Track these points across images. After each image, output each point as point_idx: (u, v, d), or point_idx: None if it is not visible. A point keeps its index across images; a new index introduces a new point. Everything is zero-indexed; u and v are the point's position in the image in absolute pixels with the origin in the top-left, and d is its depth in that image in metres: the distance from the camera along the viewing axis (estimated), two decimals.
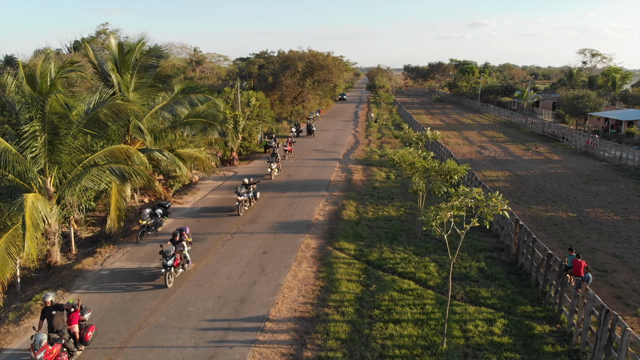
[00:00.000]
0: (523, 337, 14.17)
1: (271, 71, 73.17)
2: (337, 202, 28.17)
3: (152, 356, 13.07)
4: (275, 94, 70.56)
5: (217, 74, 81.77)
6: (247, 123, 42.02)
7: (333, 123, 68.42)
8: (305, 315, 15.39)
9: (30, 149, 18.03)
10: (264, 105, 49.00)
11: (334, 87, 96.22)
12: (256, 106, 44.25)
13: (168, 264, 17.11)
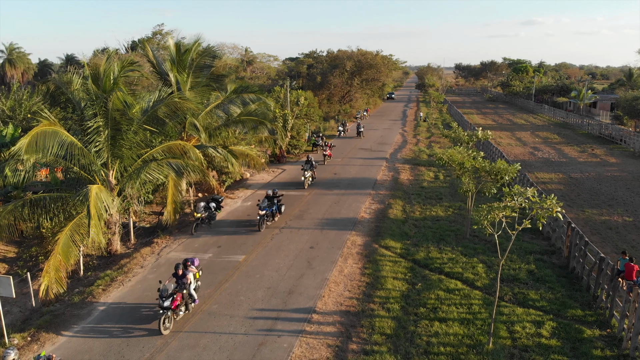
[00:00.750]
0: (572, 341, 13.97)
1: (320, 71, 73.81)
2: (383, 201, 28.33)
3: (205, 341, 13.79)
4: (324, 93, 71.10)
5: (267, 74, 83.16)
6: (295, 122, 42.73)
7: (380, 122, 68.32)
8: (350, 309, 15.74)
9: (94, 144, 19.21)
10: (312, 105, 49.58)
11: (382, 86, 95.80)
12: (305, 105, 44.88)
13: (164, 305, 14.03)
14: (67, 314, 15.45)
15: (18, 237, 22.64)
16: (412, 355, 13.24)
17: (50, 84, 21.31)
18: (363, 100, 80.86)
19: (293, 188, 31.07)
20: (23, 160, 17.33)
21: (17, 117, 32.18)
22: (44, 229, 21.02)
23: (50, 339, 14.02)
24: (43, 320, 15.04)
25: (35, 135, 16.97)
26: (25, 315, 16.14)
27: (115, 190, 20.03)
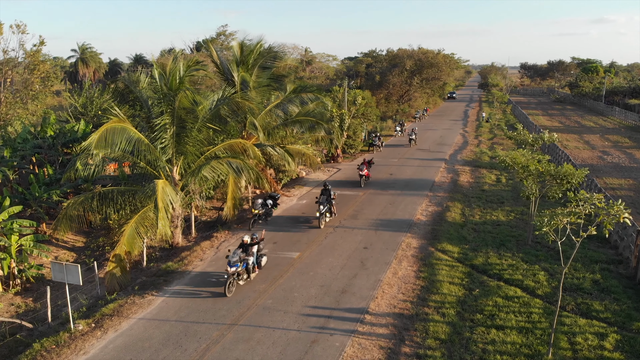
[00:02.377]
0: (636, 355, 13.13)
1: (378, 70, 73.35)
2: (441, 203, 27.78)
3: (259, 335, 14.07)
4: (382, 92, 70.58)
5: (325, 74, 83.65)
6: (352, 121, 42.71)
7: (440, 122, 66.98)
8: (404, 312, 15.56)
9: (160, 140, 20.04)
10: (370, 104, 49.36)
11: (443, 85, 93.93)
12: (362, 105, 44.76)
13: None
14: (130, 303, 16.21)
15: (87, 228, 24.03)
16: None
17: (120, 82, 22.42)
18: (422, 99, 79.61)
19: (348, 187, 31.08)
20: (93, 154, 18.36)
21: (89, 113, 34.10)
22: (111, 221, 22.18)
23: (114, 325, 14.77)
24: (107, 308, 15.86)
25: (105, 131, 17.93)
26: (91, 303, 17.09)
27: (178, 185, 20.82)
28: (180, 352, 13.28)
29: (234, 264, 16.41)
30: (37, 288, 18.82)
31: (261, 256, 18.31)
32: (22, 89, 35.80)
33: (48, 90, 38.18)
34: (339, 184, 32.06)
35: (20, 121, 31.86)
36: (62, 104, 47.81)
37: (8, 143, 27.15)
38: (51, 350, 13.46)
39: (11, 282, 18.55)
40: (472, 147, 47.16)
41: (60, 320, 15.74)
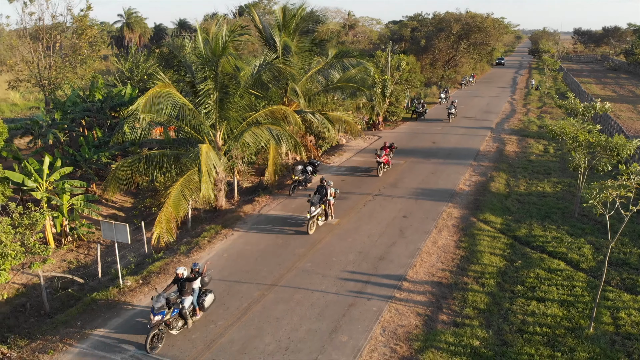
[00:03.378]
0: None
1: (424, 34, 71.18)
2: (485, 173, 27.20)
3: (299, 296, 14.42)
4: (427, 57, 68.64)
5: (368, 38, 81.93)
6: (395, 87, 41.89)
7: (487, 89, 64.89)
8: (443, 281, 15.54)
9: (204, 106, 20.31)
10: (414, 70, 48.10)
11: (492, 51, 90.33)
12: (406, 70, 43.73)
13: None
14: (176, 261, 16.86)
15: (134, 189, 24.93)
16: (504, 332, 12.87)
17: (164, 47, 22.76)
18: (469, 65, 77.01)
19: None
20: (140, 118, 18.83)
21: (135, 78, 34.82)
22: (158, 183, 22.89)
23: (160, 282, 15.43)
24: (154, 266, 16.56)
25: (151, 96, 18.30)
26: (139, 260, 17.87)
27: (221, 150, 21.17)
28: (223, 309, 13.79)
29: (158, 311, 11.99)
30: (88, 246, 19.80)
31: (205, 293, 13.41)
32: (70, 54, 36.82)
33: (96, 54, 39.14)
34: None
35: (70, 85, 32.90)
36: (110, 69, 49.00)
37: (58, 106, 28.17)
38: (101, 304, 14.24)
39: (63, 240, 19.58)
40: (519, 116, 45.59)
41: (110, 276, 16.58)
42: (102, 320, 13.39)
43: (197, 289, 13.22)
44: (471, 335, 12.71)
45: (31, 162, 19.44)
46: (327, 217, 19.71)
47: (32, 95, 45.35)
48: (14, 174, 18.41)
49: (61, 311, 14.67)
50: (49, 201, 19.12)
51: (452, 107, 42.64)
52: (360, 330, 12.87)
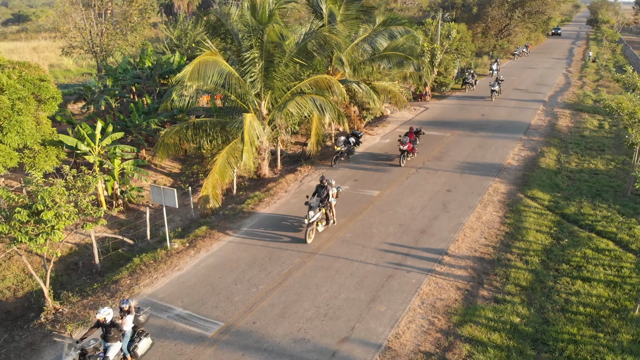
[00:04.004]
0: None
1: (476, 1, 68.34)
2: (535, 148, 26.29)
3: (338, 265, 14.59)
4: (479, 26, 66.01)
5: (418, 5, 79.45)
6: (444, 57, 40.63)
7: (541, 60, 62.03)
8: (485, 256, 15.32)
9: (250, 74, 20.40)
10: (465, 38, 46.38)
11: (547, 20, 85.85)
12: (456, 39, 42.27)
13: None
14: (221, 226, 17.33)
15: (182, 156, 25.59)
16: (546, 310, 12.63)
17: (212, 15, 22.79)
18: (523, 35, 73.64)
19: (435, 128, 30.20)
20: (187, 86, 19.14)
21: (183, 45, 35.26)
22: (204, 150, 23.38)
23: (205, 246, 15.94)
24: (200, 230, 17.08)
25: (198, 64, 18.52)
26: (185, 224, 18.47)
27: (266, 119, 21.32)
28: (264, 274, 14.14)
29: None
30: (137, 209, 20.59)
31: (139, 337, 10.68)
32: (121, 21, 37.57)
33: (145, 22, 39.76)
34: (425, 123, 31.23)
35: (120, 52, 33.70)
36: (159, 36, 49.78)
37: (110, 73, 28.96)
38: (149, 265, 14.87)
39: (114, 202, 20.42)
40: (574, 89, 43.49)
41: (158, 238, 17.25)
42: (149, 281, 14.01)
43: (128, 332, 10.54)
44: (512, 312, 12.55)
45: (84, 127, 20.21)
46: (329, 222, 16.81)
47: (85, 62, 46.84)
48: (68, 138, 19.21)
49: (111, 270, 15.45)
50: (101, 165, 19.90)
51: (497, 84, 38.19)
52: (399, 301, 12.94)
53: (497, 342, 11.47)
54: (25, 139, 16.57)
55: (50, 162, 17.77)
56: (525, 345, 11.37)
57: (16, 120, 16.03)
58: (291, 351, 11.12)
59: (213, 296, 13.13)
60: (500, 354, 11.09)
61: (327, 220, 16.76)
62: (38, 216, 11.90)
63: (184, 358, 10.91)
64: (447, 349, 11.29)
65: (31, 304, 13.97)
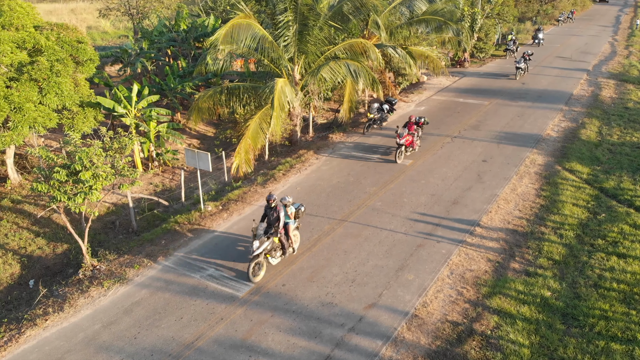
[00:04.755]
0: None
1: None
2: (576, 119, 25.35)
3: (367, 233, 14.62)
4: None
5: None
6: (485, 22, 39.12)
7: (587, 27, 59.07)
8: (518, 229, 15.06)
9: (283, 38, 20.17)
10: (507, 3, 44.51)
11: None
12: (498, 3, 40.57)
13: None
14: (252, 191, 17.53)
15: (216, 120, 25.79)
16: (579, 285, 12.41)
17: None
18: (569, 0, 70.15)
19: (472, 95, 29.42)
20: (220, 49, 19.08)
21: (218, 8, 35.04)
22: (237, 115, 23.49)
23: (238, 209, 16.19)
24: (233, 194, 17.33)
25: (231, 27, 18.39)
26: (219, 188, 18.75)
27: (298, 85, 21.16)
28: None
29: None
30: (172, 171, 21.00)
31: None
32: None
33: None
34: (462, 91, 30.45)
35: (156, 14, 33.78)
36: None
37: (146, 35, 29.13)
38: (184, 226, 15.24)
39: (150, 164, 20.86)
40: (620, 59, 41.37)
41: (192, 201, 17.61)
42: (184, 241, 14.38)
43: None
44: (543, 285, 12.38)
45: (121, 89, 20.52)
46: (285, 252, 12.90)
47: (122, 24, 47.18)
48: (105, 100, 19.56)
49: (147, 230, 15.91)
50: (137, 127, 20.26)
51: (522, 60, 33.94)
52: (428, 270, 12.92)
53: (526, 315, 11.38)
54: (64, 100, 16.95)
55: (88, 123, 18.17)
56: (555, 320, 11.25)
57: (55, 81, 16.37)
58: (319, 314, 11.32)
59: (244, 258, 13.39)
60: (529, 326, 11.02)
61: (283, 250, 12.87)
62: (76, 176, 12.27)
63: (215, 316, 11.26)
64: (475, 319, 11.28)
65: (70, 261, 14.59)
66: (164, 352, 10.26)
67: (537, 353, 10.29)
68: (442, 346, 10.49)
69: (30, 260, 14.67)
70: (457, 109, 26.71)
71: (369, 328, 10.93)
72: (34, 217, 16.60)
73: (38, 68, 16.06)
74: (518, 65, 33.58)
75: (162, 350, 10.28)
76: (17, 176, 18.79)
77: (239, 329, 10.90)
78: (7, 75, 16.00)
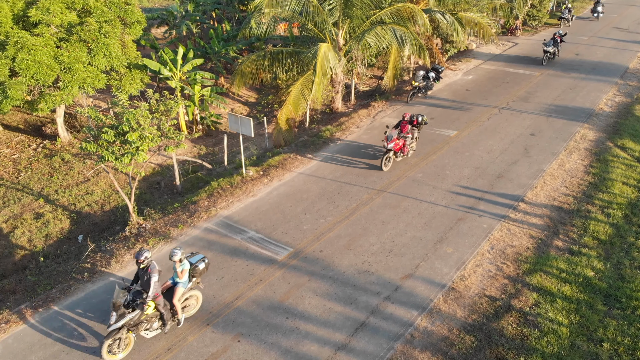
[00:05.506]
0: None
1: None
2: (631, 94, 24.04)
3: (406, 204, 14.52)
4: None
5: None
6: None
7: None
8: (564, 206, 14.61)
9: (328, 2, 19.74)
10: None
11: None
12: None
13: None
14: (292, 158, 17.61)
15: (258, 85, 25.82)
16: (623, 266, 12.01)
17: None
18: None
19: (523, 65, 28.27)
20: (264, 13, 18.90)
21: None
22: (280, 81, 23.43)
23: (278, 175, 16.34)
24: (273, 160, 17.46)
25: None
26: (260, 153, 18.92)
27: (342, 50, 20.82)
28: (333, 206, 14.38)
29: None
30: (215, 135, 21.29)
31: None
32: None
33: None
34: (513, 60, 29.29)
35: None
36: None
37: None
38: (226, 189, 15.53)
39: (194, 127, 21.20)
40: None
41: (234, 165, 17.87)
42: (226, 204, 14.68)
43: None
44: (586, 264, 12.06)
45: (167, 51, 20.73)
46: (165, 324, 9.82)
47: None
48: (152, 62, 19.83)
49: (190, 192, 16.31)
50: (182, 90, 20.53)
51: (552, 43, 28.91)
52: (467, 244, 12.77)
53: (567, 293, 11.15)
54: (112, 62, 17.28)
55: (135, 85, 18.51)
56: (597, 300, 10.98)
57: (103, 42, 16.67)
58: (355, 281, 11.43)
59: (283, 223, 13.59)
60: (569, 305, 10.81)
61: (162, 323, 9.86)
62: (124, 137, 12.61)
63: (254, 278, 11.55)
64: (514, 295, 11.14)
65: (117, 218, 15.17)
66: (204, 309, 10.63)
67: (575, 332, 10.13)
68: (479, 320, 10.44)
69: (79, 216, 15.35)
70: (506, 79, 25.75)
71: (405, 298, 10.98)
72: (83, 175, 17.26)
73: (87, 29, 16.37)
74: (546, 48, 28.50)
75: (203, 308, 10.65)
76: (67, 135, 19.49)
77: (277, 291, 11.15)
78: (57, 35, 16.39)
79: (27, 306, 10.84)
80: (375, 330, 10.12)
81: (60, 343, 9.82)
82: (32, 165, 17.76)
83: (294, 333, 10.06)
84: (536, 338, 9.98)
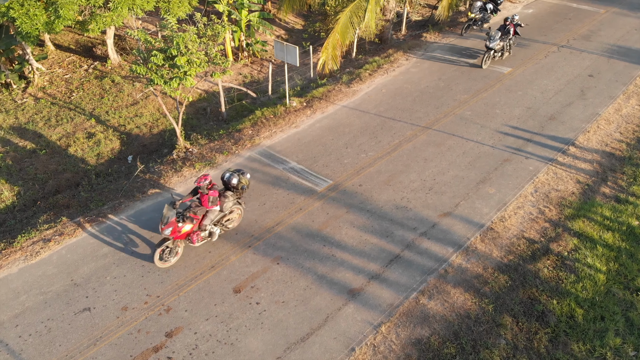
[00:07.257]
0: None
1: None
2: None
3: (451, 142, 14.29)
4: None
5: None
6: None
7: None
8: (616, 152, 14.04)
9: None
10: None
11: None
12: None
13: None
14: (337, 90, 17.41)
15: (306, 11, 25.11)
16: None
17: None
18: None
19: (587, 1, 26.25)
20: None
21: None
22: (328, 7, 22.65)
23: (321, 107, 16.26)
24: (317, 91, 17.32)
25: None
26: (304, 84, 18.76)
27: None
28: (375, 142, 14.33)
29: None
30: (261, 63, 21.15)
31: None
32: None
33: None
34: None
35: None
36: None
37: None
38: (269, 119, 15.64)
39: (240, 54, 21.07)
40: None
41: (278, 94, 17.86)
42: (269, 134, 14.85)
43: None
44: (632, 214, 11.74)
45: None
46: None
47: None
48: None
49: (235, 119, 16.52)
50: (229, 15, 20.25)
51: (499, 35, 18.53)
52: (510, 186, 12.59)
53: (609, 241, 10.97)
54: None
55: (183, 8, 18.34)
56: (638, 250, 10.77)
57: None
58: (392, 216, 11.59)
59: (325, 155, 13.70)
60: (609, 253, 10.67)
61: None
62: (172, 61, 12.72)
63: (294, 206, 11.87)
64: (553, 239, 11.06)
65: (164, 141, 15.64)
66: (246, 233, 11.10)
67: (612, 280, 10.06)
68: (515, 261, 10.49)
69: (129, 138, 15.90)
70: (569, 15, 24.07)
71: (441, 235, 11.09)
72: (132, 97, 17.69)
73: None
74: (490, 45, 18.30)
75: (245, 231, 11.12)
76: (117, 57, 19.80)
77: (315, 220, 11.46)
78: None
79: (81, 220, 11.58)
80: (409, 264, 10.36)
81: (112, 255, 10.54)
82: (84, 86, 18.28)
83: (330, 260, 10.43)
84: (572, 282, 9.99)
